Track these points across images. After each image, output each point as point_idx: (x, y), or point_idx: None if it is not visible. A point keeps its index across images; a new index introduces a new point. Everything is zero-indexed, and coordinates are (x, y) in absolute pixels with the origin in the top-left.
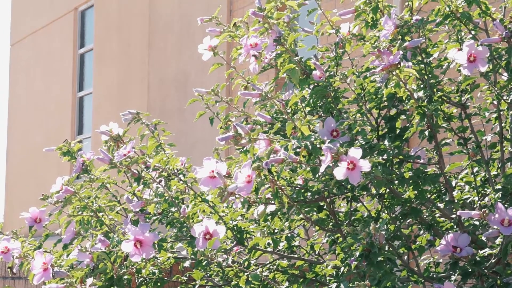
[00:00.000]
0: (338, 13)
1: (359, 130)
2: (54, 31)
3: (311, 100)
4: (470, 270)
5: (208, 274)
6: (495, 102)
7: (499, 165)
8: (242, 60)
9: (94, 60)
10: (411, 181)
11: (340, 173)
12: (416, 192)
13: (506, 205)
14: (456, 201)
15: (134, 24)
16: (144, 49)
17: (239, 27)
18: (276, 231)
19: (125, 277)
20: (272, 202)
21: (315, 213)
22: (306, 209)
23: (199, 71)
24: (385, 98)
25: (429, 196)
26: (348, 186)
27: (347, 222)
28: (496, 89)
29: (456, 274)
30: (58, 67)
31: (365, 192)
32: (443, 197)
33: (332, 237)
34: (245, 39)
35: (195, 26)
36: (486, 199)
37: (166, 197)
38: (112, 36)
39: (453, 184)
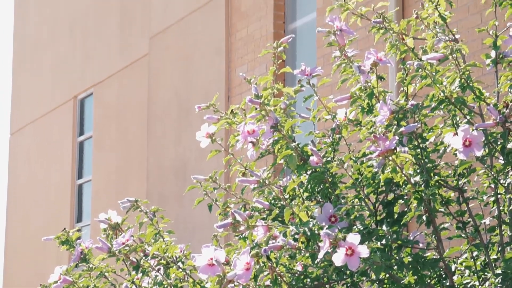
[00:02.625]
0: (334, 99)
1: (357, 215)
2: (54, 119)
3: (308, 186)
4: None
5: None
6: (492, 186)
7: (499, 249)
8: (240, 147)
9: (93, 147)
10: (410, 266)
11: (339, 259)
12: (415, 277)
13: None
14: (456, 286)
15: (133, 112)
16: (142, 136)
17: (236, 114)
18: None
19: None
20: None
21: None
22: None
23: (197, 158)
24: (383, 183)
25: (429, 281)
26: (347, 272)
27: None
28: (492, 173)
29: None
30: (57, 154)
31: (364, 278)
32: (444, 282)
33: None
34: (243, 126)
35: (193, 113)
36: (487, 283)
37: (165, 286)
38: (111, 123)
39: (453, 269)
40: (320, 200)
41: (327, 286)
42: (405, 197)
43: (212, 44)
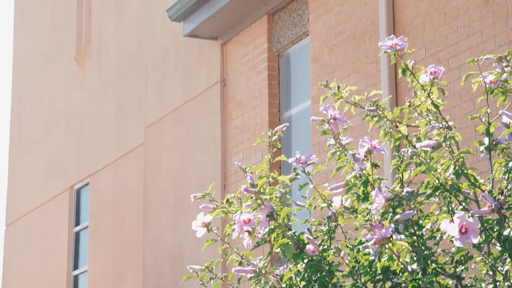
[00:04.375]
0: (330, 187)
1: None
2: (50, 210)
3: (305, 275)
4: None
5: None
6: (490, 273)
7: None
8: (236, 236)
9: (89, 237)
10: None
11: None
12: None
13: None
14: None
15: (129, 201)
16: (139, 226)
17: (232, 203)
18: None
19: None
20: None
21: None
22: None
23: (194, 247)
24: (380, 272)
25: None
26: None
27: None
28: (490, 260)
29: None
30: (53, 245)
31: None
32: None
33: None
34: (238, 215)
35: (189, 202)
36: None
37: None
38: (107, 213)
39: None
40: None
41: None
42: (403, 285)
43: (208, 132)
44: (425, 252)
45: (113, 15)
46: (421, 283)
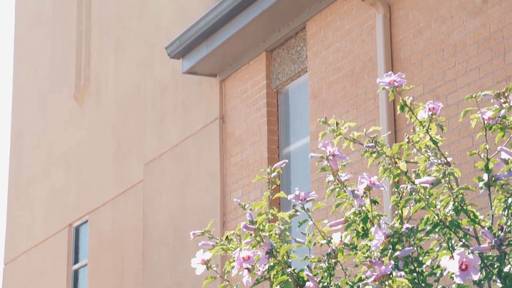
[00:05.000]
0: (329, 224)
1: None
2: (49, 248)
3: None
4: None
5: None
6: None
7: None
8: (236, 273)
9: (88, 275)
10: None
11: None
12: None
13: None
14: None
15: (128, 238)
16: (138, 263)
17: (231, 240)
18: None
19: None
20: None
21: None
22: None
23: (193, 284)
24: None
25: None
26: None
27: None
28: None
29: None
30: (52, 283)
31: None
32: None
33: None
34: (238, 252)
35: (188, 239)
36: None
37: None
38: (106, 250)
39: None
40: None
41: None
42: None
43: (207, 169)
44: None
45: (112, 53)
46: None
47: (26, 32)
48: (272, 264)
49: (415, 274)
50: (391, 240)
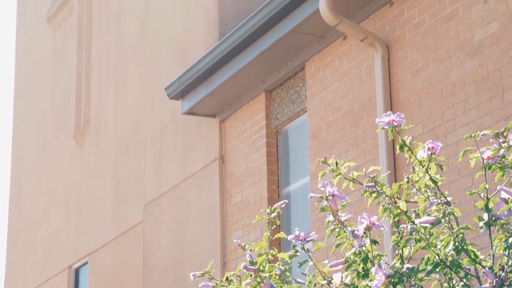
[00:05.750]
0: (329, 264)
1: None
2: None
3: None
4: None
5: None
6: None
7: None
8: None
9: None
10: None
11: None
12: None
13: None
14: None
15: (128, 279)
16: None
17: (231, 281)
18: None
19: None
20: None
21: None
22: None
23: None
24: None
25: None
26: None
27: None
28: None
29: None
30: None
31: None
32: None
33: None
34: None
35: (188, 280)
36: None
37: None
38: None
39: None
40: None
41: None
42: None
43: (207, 209)
44: None
45: (112, 94)
46: None
47: (27, 74)
48: None
49: None
50: (392, 280)
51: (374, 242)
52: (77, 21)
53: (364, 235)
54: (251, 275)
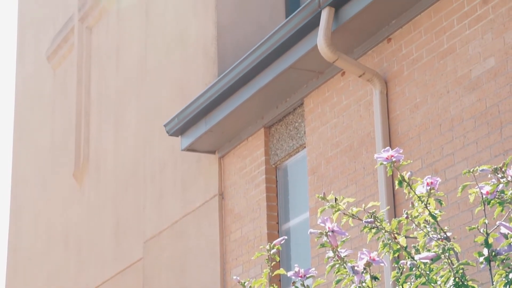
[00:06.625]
0: None
1: None
2: None
3: None
4: None
5: None
6: None
7: None
8: None
9: None
10: None
11: None
12: None
13: None
14: None
15: None
16: None
17: None
18: None
19: None
20: None
21: None
22: None
23: None
24: None
25: None
26: None
27: None
28: None
29: None
30: None
31: None
32: None
33: None
34: None
35: None
36: None
37: None
38: None
39: None
40: None
41: None
42: None
43: (207, 246)
44: None
45: (111, 131)
46: None
47: (26, 111)
48: None
49: None
50: None
51: (374, 278)
52: (76, 59)
53: (364, 271)
54: None
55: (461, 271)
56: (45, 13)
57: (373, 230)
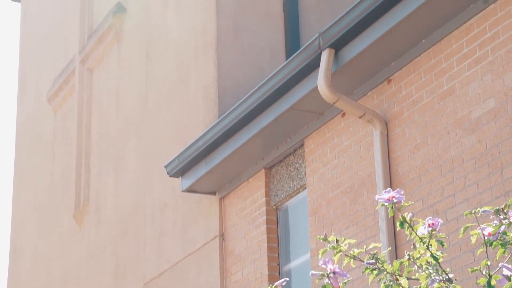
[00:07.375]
0: None
1: None
2: None
3: None
4: None
5: None
6: None
7: None
8: None
9: None
10: None
11: None
12: None
13: None
14: None
15: None
16: None
17: None
18: None
19: None
20: None
21: None
22: None
23: None
24: None
25: None
26: None
27: None
28: None
29: None
30: None
31: None
32: None
33: None
34: None
35: None
36: None
37: None
38: None
39: None
40: None
41: None
42: None
43: (207, 287)
44: None
45: (111, 172)
46: None
47: (27, 153)
48: None
49: None
50: None
51: None
52: (77, 101)
53: None
54: None
55: None
56: (46, 55)
57: (375, 272)
